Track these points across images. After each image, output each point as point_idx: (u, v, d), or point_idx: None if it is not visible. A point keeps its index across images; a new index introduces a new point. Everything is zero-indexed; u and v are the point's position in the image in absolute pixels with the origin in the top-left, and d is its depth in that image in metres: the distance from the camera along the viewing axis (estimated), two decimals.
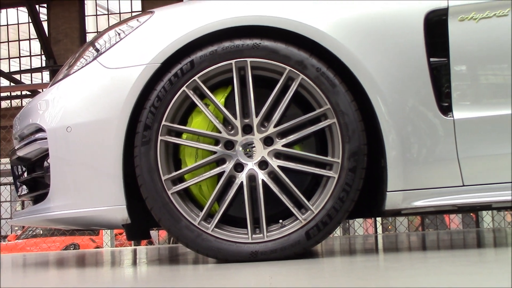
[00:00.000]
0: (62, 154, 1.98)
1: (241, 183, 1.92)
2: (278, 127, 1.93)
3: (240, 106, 1.93)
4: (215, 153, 1.95)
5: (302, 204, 1.90)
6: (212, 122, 1.95)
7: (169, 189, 1.91)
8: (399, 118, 1.86)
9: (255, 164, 1.94)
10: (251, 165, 1.94)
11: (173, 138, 1.95)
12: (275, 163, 1.93)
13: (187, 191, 2.00)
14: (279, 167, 1.92)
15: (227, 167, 1.94)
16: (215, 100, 1.94)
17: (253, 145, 1.94)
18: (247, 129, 1.95)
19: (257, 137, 1.94)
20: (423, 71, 1.87)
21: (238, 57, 1.92)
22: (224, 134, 1.94)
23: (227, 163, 1.95)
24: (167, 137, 1.93)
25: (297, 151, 1.95)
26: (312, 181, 2.00)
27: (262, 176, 1.92)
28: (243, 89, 1.94)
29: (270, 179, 1.92)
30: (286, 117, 1.94)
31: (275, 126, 1.93)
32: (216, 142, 1.96)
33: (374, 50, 1.88)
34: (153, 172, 1.91)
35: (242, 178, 1.93)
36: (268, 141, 1.95)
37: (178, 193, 1.94)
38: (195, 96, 1.94)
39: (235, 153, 1.95)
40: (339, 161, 1.89)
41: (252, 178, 1.93)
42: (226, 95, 2.00)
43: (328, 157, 1.93)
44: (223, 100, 1.99)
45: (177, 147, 2.01)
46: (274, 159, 1.94)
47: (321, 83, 1.90)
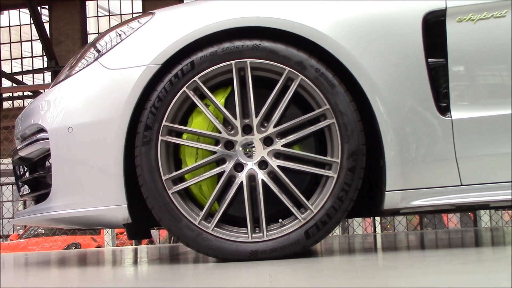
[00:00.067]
0: (64, 154, 1.98)
1: (241, 183, 1.92)
2: (278, 127, 1.93)
3: (240, 107, 1.93)
4: (215, 153, 1.95)
5: (302, 204, 1.90)
6: (212, 123, 1.94)
7: (170, 189, 1.91)
8: (398, 118, 1.86)
9: (255, 164, 1.94)
10: (251, 165, 1.94)
11: (174, 138, 1.95)
12: (275, 163, 1.93)
13: (188, 191, 2.00)
14: (279, 167, 1.92)
15: (227, 167, 1.94)
16: (215, 101, 1.94)
17: (253, 145, 1.94)
18: (247, 129, 1.95)
19: (257, 137, 1.94)
20: (422, 72, 1.87)
21: (238, 58, 1.92)
22: (224, 134, 1.94)
23: (227, 163, 1.95)
24: (168, 137, 1.93)
25: (297, 151, 1.95)
26: (312, 181, 2.00)
27: (262, 176, 1.92)
28: (243, 90, 1.94)
29: (270, 179, 1.92)
30: (286, 117, 1.94)
31: (275, 126, 1.93)
32: (216, 142, 1.96)
33: (373, 51, 1.88)
34: (154, 172, 1.90)
35: (242, 178, 1.93)
36: (268, 141, 1.95)
37: (179, 193, 1.94)
38: (196, 97, 1.94)
39: (235, 153, 1.95)
40: (338, 161, 1.89)
41: (252, 178, 1.93)
42: (226, 96, 2.00)
43: (327, 157, 1.93)
44: (223, 101, 1.99)
45: (178, 147, 2.01)
46: (274, 159, 1.94)
47: (320, 84, 1.90)
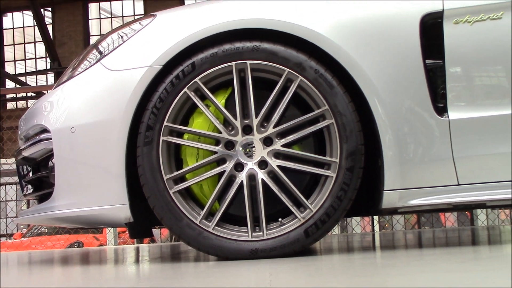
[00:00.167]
0: (67, 154, 1.98)
1: (241, 183, 1.92)
2: (278, 128, 1.93)
3: (240, 107, 1.93)
4: (216, 153, 1.95)
5: (301, 203, 1.90)
6: (213, 123, 1.94)
7: (171, 188, 1.91)
8: (396, 119, 1.86)
9: (255, 164, 1.94)
10: (251, 165, 1.94)
11: (175, 139, 1.95)
12: (275, 163, 1.93)
13: (189, 190, 2.00)
14: (279, 167, 1.92)
15: (228, 167, 1.94)
16: (216, 101, 1.93)
17: (253, 145, 1.94)
18: (247, 130, 1.95)
19: (257, 137, 1.94)
20: (419, 73, 1.87)
21: (238, 59, 1.92)
22: (225, 135, 1.94)
23: (228, 163, 1.94)
24: (169, 138, 1.93)
25: (296, 151, 1.95)
26: (311, 181, 2.00)
27: (262, 176, 1.92)
28: (243, 91, 1.94)
29: (270, 179, 1.92)
30: (285, 118, 1.94)
31: (275, 127, 1.93)
32: (217, 142, 1.96)
33: (371, 52, 1.88)
34: (155, 172, 1.90)
35: (242, 178, 1.92)
36: (268, 141, 1.95)
37: (180, 192, 1.94)
38: (196, 97, 1.94)
39: (235, 153, 1.95)
40: (337, 161, 1.89)
41: (252, 178, 1.93)
42: (227, 96, 2.00)
43: (326, 157, 1.93)
44: (224, 101, 1.99)
45: (179, 147, 2.01)
46: (274, 159, 1.94)
47: (320, 85, 1.90)
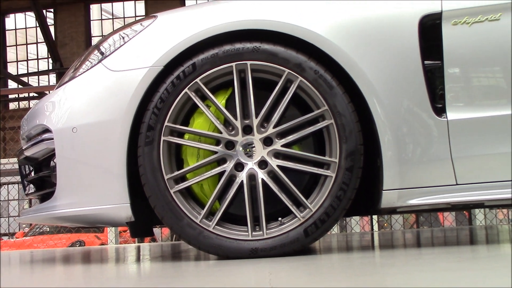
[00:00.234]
0: (68, 154, 1.98)
1: (241, 182, 1.92)
2: (277, 128, 1.93)
3: (241, 108, 1.93)
4: (216, 153, 1.94)
5: (301, 203, 1.90)
6: (213, 123, 1.94)
7: (172, 188, 1.91)
8: (395, 119, 1.86)
9: (255, 164, 1.94)
10: (251, 165, 1.94)
11: (176, 139, 1.95)
12: (275, 163, 1.93)
13: (189, 190, 2.00)
14: (278, 167, 1.92)
15: (228, 167, 1.94)
16: (216, 102, 1.93)
17: (253, 145, 1.94)
18: (247, 130, 1.95)
19: (257, 138, 1.94)
20: (418, 74, 1.87)
21: (239, 60, 1.92)
22: (225, 135, 1.94)
23: (228, 163, 1.94)
24: (170, 138, 1.93)
25: (296, 151, 1.94)
26: (311, 180, 2.00)
27: (262, 176, 1.92)
28: (244, 91, 1.94)
29: (270, 178, 1.92)
30: (285, 118, 1.94)
31: (275, 127, 1.93)
32: (217, 142, 1.96)
33: (371, 53, 1.88)
34: (156, 172, 1.90)
35: (242, 177, 1.92)
36: (268, 141, 1.95)
37: (181, 192, 1.93)
38: (197, 98, 1.94)
39: (236, 153, 1.94)
40: (337, 161, 1.89)
41: (252, 177, 1.93)
42: (227, 97, 2.00)
43: (326, 157, 1.93)
44: (224, 102, 1.99)
45: (179, 147, 2.01)
46: (274, 159, 1.94)
47: (319, 85, 1.89)
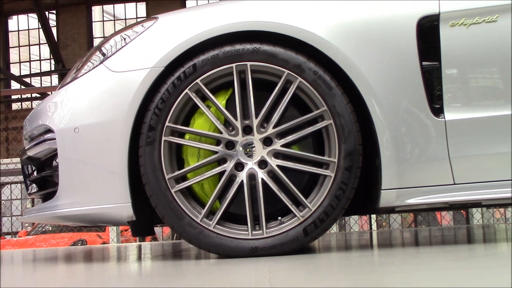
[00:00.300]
0: (70, 154, 1.98)
1: (242, 182, 1.92)
2: (277, 128, 1.93)
3: (241, 108, 1.93)
4: (217, 153, 1.95)
5: (300, 202, 1.90)
6: (214, 123, 1.94)
7: (173, 188, 1.91)
8: (393, 120, 1.86)
9: (255, 164, 1.94)
10: (251, 165, 1.94)
11: (176, 139, 1.95)
12: (274, 163, 1.93)
13: (190, 190, 2.00)
14: (278, 166, 1.92)
15: (228, 167, 1.94)
16: (217, 102, 1.93)
17: (253, 145, 1.94)
18: (247, 130, 1.95)
19: (257, 138, 1.94)
20: (416, 74, 1.87)
21: (239, 61, 1.92)
22: (225, 135, 1.94)
23: (228, 163, 1.94)
24: (171, 138, 1.93)
25: (295, 151, 1.94)
26: (310, 180, 2.00)
27: (262, 175, 1.92)
28: (244, 92, 1.94)
29: (270, 178, 1.92)
30: (285, 118, 1.94)
31: (274, 127, 1.93)
32: (218, 142, 1.96)
33: (369, 54, 1.88)
34: (157, 171, 1.90)
35: (243, 177, 1.92)
36: (268, 141, 1.95)
37: (181, 191, 1.93)
38: (198, 98, 1.94)
39: (236, 153, 1.95)
40: (336, 161, 1.89)
41: (252, 177, 1.93)
42: (227, 97, 2.00)
43: (325, 157, 1.93)
44: (224, 102, 1.99)
45: (180, 147, 2.01)
46: (273, 159, 1.94)
47: (318, 86, 1.89)
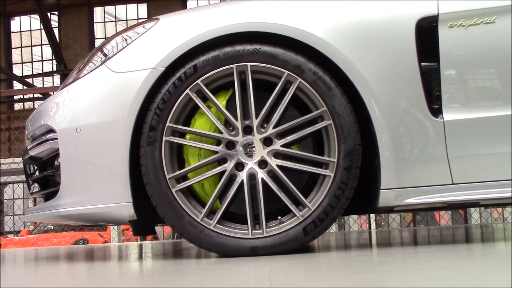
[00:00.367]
0: (72, 154, 1.98)
1: (242, 182, 1.92)
2: (277, 128, 1.93)
3: (241, 108, 1.93)
4: (217, 153, 1.94)
5: (300, 202, 1.90)
6: (214, 123, 1.94)
7: (173, 187, 1.91)
8: (392, 120, 1.86)
9: (255, 164, 1.94)
10: (251, 164, 1.94)
11: (177, 139, 1.95)
12: (274, 163, 1.93)
13: (190, 189, 2.00)
14: (278, 166, 1.92)
15: (228, 166, 1.94)
16: (217, 103, 1.93)
17: (253, 145, 1.94)
18: (247, 130, 1.95)
19: (257, 138, 1.94)
20: (415, 75, 1.87)
21: (239, 62, 1.92)
22: (226, 135, 1.94)
23: (228, 163, 1.94)
24: (171, 138, 1.93)
25: (295, 151, 1.94)
26: (309, 180, 2.00)
27: (262, 175, 1.92)
28: (244, 92, 1.94)
29: (270, 178, 1.92)
30: (285, 119, 1.94)
31: (274, 127, 1.93)
32: (218, 142, 1.96)
33: (368, 55, 1.88)
34: (158, 171, 1.90)
35: (243, 177, 1.92)
36: (268, 142, 1.95)
37: (182, 191, 1.93)
38: (198, 99, 1.94)
39: (236, 153, 1.94)
40: (335, 161, 1.89)
41: (252, 177, 1.93)
42: (228, 98, 2.00)
43: (325, 157, 1.93)
44: (225, 103, 1.99)
45: (181, 147, 2.01)
46: (273, 159, 1.94)
47: (318, 87, 1.89)
